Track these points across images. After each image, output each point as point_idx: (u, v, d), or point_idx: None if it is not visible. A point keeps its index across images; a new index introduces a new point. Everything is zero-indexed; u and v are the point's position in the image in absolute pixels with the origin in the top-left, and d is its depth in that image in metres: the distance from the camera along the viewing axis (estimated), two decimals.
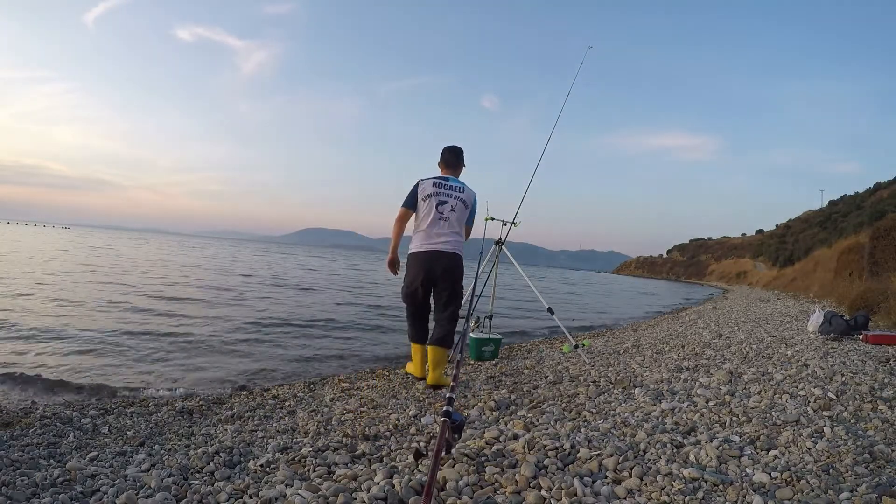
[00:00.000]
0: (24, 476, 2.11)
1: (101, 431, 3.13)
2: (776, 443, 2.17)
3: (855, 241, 15.20)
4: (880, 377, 3.22)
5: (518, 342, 7.66)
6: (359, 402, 3.77)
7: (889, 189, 45.89)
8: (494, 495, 1.74)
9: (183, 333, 6.85)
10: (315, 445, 2.46)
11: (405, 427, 2.84)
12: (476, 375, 4.40)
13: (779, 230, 71.56)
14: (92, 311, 8.05)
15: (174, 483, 2.00)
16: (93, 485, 2.02)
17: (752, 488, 1.73)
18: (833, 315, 5.70)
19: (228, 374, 5.12)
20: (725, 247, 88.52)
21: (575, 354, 5.38)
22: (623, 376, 3.73)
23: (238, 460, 2.35)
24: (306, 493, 1.79)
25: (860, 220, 30.55)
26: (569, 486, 1.75)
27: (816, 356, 4.09)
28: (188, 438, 3.00)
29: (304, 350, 6.47)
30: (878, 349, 4.65)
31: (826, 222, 45.81)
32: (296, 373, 5.37)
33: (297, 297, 12.94)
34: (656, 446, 2.14)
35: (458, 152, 4.05)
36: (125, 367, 5.07)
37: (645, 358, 4.78)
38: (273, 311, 9.70)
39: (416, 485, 1.78)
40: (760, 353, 4.39)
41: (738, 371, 3.53)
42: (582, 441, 2.22)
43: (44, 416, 3.37)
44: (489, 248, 5.52)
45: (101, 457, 2.55)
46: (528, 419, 2.72)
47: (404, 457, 2.22)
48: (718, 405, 2.74)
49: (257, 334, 7.25)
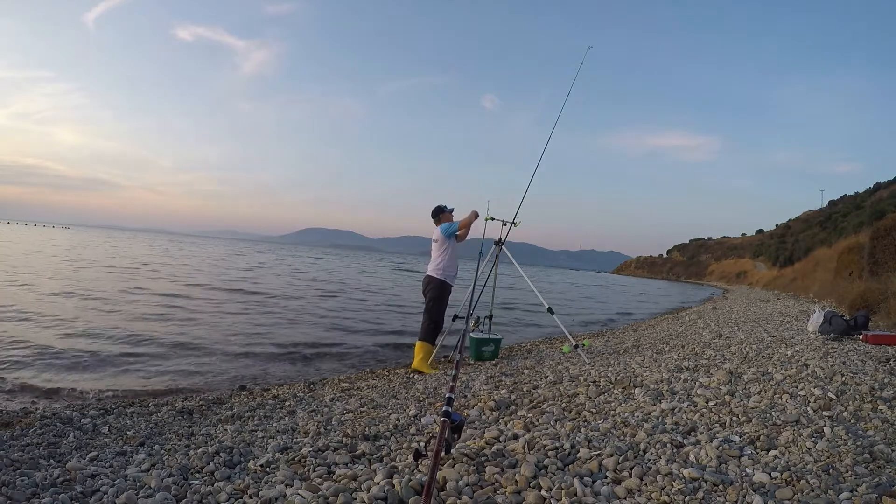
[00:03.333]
0: (24, 476, 2.11)
1: (101, 431, 3.14)
2: (776, 443, 2.17)
3: (855, 241, 15.18)
4: (880, 377, 3.22)
5: (518, 342, 7.66)
6: (359, 402, 3.77)
7: (889, 189, 45.88)
8: (494, 495, 1.74)
9: (183, 333, 6.86)
10: (315, 445, 2.46)
11: (405, 427, 2.84)
12: (476, 375, 4.40)
13: (779, 230, 71.53)
14: (92, 312, 8.05)
15: (174, 483, 2.00)
16: (93, 485, 2.02)
17: (752, 488, 1.73)
18: (833, 315, 5.70)
19: (228, 374, 5.12)
20: (725, 247, 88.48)
21: (575, 354, 5.38)
22: (623, 376, 3.73)
23: (238, 460, 2.35)
24: (306, 493, 1.79)
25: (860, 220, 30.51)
26: (569, 486, 1.75)
27: (816, 356, 4.09)
28: (188, 438, 3.00)
29: (304, 350, 6.47)
30: (878, 349, 4.65)
31: (826, 222, 45.78)
32: (296, 373, 5.38)
33: (300, 296, 12.94)
34: (656, 446, 2.14)
35: (433, 213, 5.44)
36: (125, 367, 5.07)
37: (645, 358, 4.78)
38: (273, 311, 9.70)
39: (416, 485, 1.78)
40: (760, 353, 4.39)
41: (738, 371, 3.52)
42: (582, 441, 2.22)
43: (44, 416, 3.37)
44: (489, 248, 5.52)
45: (101, 457, 2.55)
46: (528, 419, 2.71)
47: (404, 457, 2.22)
48: (718, 405, 2.74)
49: (257, 334, 7.25)
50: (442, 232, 5.25)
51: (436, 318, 5.16)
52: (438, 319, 5.18)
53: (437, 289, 5.15)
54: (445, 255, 5.22)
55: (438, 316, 5.17)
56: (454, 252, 5.29)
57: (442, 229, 5.25)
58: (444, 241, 5.25)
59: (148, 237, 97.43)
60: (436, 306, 5.15)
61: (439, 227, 5.29)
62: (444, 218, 5.35)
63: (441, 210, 5.40)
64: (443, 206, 5.43)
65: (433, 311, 5.15)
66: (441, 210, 5.40)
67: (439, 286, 5.16)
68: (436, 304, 5.14)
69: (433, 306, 5.14)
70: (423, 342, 5.13)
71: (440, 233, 5.27)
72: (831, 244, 25.27)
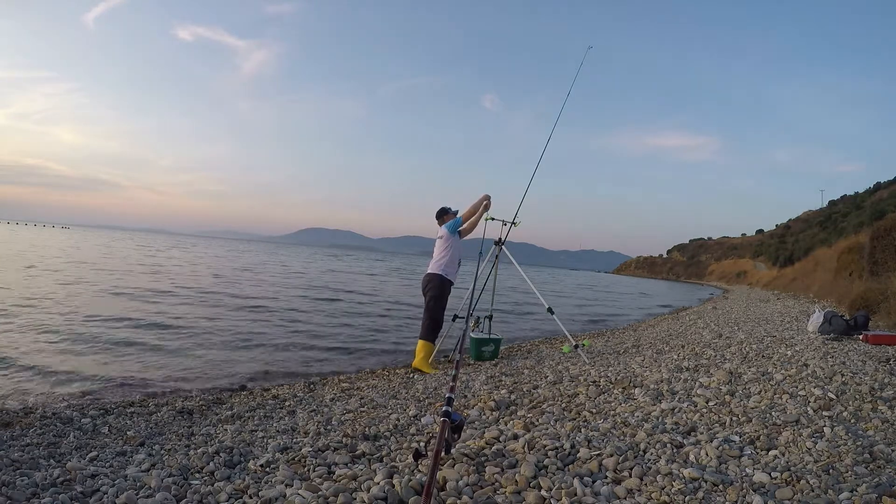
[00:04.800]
0: (24, 476, 2.11)
1: (101, 431, 3.14)
2: (776, 443, 2.17)
3: (855, 241, 15.17)
4: (880, 377, 3.22)
5: (518, 342, 7.66)
6: (359, 402, 3.77)
7: (889, 189, 45.84)
8: (494, 495, 1.74)
9: (184, 333, 6.86)
10: (315, 445, 2.46)
11: (405, 427, 2.84)
12: (476, 375, 4.40)
13: (779, 230, 71.50)
14: (94, 311, 8.05)
15: (174, 483, 2.00)
16: (93, 485, 2.02)
17: (752, 488, 1.73)
18: (833, 315, 5.69)
19: (228, 374, 5.12)
20: (725, 247, 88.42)
21: (575, 354, 5.38)
22: (623, 376, 3.73)
23: (238, 460, 2.35)
24: (306, 493, 1.79)
25: (860, 220, 30.48)
26: (569, 486, 1.75)
27: (816, 356, 4.09)
28: (188, 438, 3.00)
29: (304, 350, 6.47)
30: (878, 349, 4.64)
31: (826, 222, 45.75)
32: (296, 373, 5.38)
33: (300, 296, 12.94)
34: (656, 446, 2.14)
35: (437, 214, 5.55)
36: (126, 367, 5.07)
37: (645, 358, 4.77)
38: (273, 311, 9.70)
39: (416, 485, 1.78)
40: (760, 353, 4.39)
41: (738, 371, 3.52)
42: (582, 441, 2.22)
43: (44, 416, 3.37)
44: (489, 249, 5.52)
45: (101, 457, 2.55)
46: (528, 419, 2.71)
47: (404, 457, 2.22)
48: (718, 405, 2.74)
49: (257, 334, 7.25)
50: (447, 228, 5.30)
51: (436, 317, 5.16)
52: (439, 318, 5.19)
53: (437, 287, 5.15)
54: (448, 253, 5.24)
55: (439, 314, 5.17)
56: (457, 250, 5.29)
57: (447, 226, 5.31)
58: (448, 238, 5.27)
59: (148, 237, 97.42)
60: (436, 304, 5.14)
61: (444, 225, 5.35)
62: (448, 219, 5.39)
63: (445, 212, 5.47)
64: (447, 207, 5.48)
65: (434, 310, 5.14)
66: (445, 212, 5.47)
67: (440, 284, 5.16)
68: (436, 302, 5.14)
69: (434, 304, 5.14)
70: (425, 341, 5.13)
71: (445, 229, 5.31)
72: (831, 244, 25.25)
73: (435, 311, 5.12)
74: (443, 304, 5.15)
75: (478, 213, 5.36)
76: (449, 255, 5.20)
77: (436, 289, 5.12)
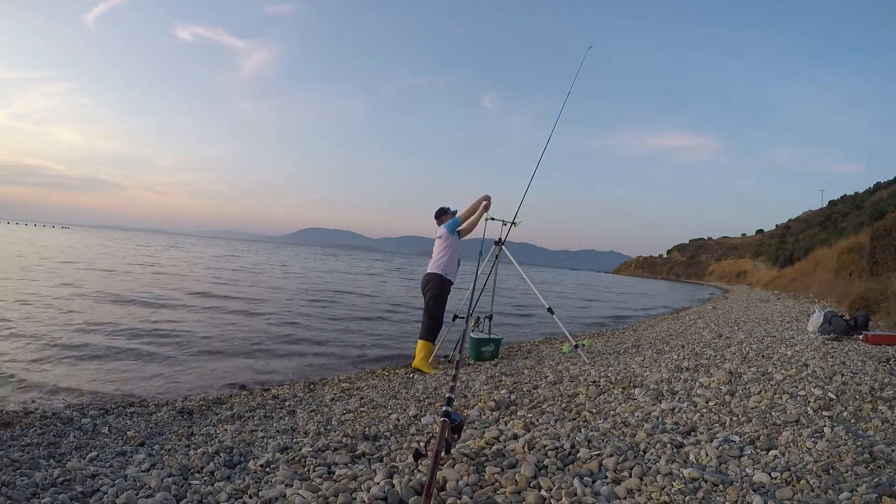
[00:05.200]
0: (24, 476, 2.11)
1: (101, 431, 3.14)
2: (776, 443, 2.17)
3: (855, 241, 15.17)
4: (880, 377, 3.22)
5: (518, 342, 7.66)
6: (359, 402, 3.77)
7: (889, 189, 45.82)
8: (494, 495, 1.74)
9: (184, 334, 6.85)
10: (315, 445, 2.46)
11: (405, 427, 2.85)
12: (476, 375, 4.40)
13: (779, 230, 71.48)
14: (93, 312, 8.05)
15: (174, 483, 2.00)
16: (93, 485, 2.02)
17: (752, 488, 1.73)
18: (833, 315, 5.69)
19: (228, 374, 5.12)
20: (725, 247, 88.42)
21: (575, 354, 5.38)
22: (623, 376, 3.73)
23: (238, 460, 2.35)
24: (306, 493, 1.79)
25: (860, 220, 30.47)
26: (569, 486, 1.75)
27: (816, 356, 4.09)
28: (188, 438, 3.00)
29: (304, 350, 6.47)
30: (878, 349, 4.64)
31: (826, 222, 45.73)
32: (296, 373, 5.38)
33: (299, 297, 12.94)
34: (656, 446, 2.14)
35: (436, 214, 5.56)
36: (126, 368, 5.07)
37: (645, 358, 4.77)
38: (273, 312, 9.69)
39: (416, 485, 1.78)
40: (760, 353, 4.39)
41: (738, 371, 3.52)
42: (582, 441, 2.22)
43: (44, 416, 3.37)
44: (489, 249, 5.53)
45: (101, 457, 2.55)
46: (528, 419, 2.71)
47: (404, 457, 2.22)
48: (718, 405, 2.74)
49: (257, 334, 7.25)
50: (446, 228, 5.30)
51: (436, 316, 5.16)
52: (439, 317, 5.18)
53: (437, 286, 5.15)
54: (447, 253, 5.24)
55: (439, 314, 5.17)
56: (456, 250, 5.29)
57: (446, 225, 5.32)
58: (447, 237, 5.27)
59: (148, 237, 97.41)
60: (436, 304, 5.14)
61: (443, 225, 5.36)
62: (446, 219, 5.39)
63: (444, 212, 5.48)
64: (446, 207, 5.48)
65: (433, 309, 5.14)
66: (444, 212, 5.48)
67: (439, 284, 5.15)
68: (436, 302, 5.14)
69: (433, 304, 5.14)
70: (425, 341, 5.13)
71: (444, 229, 5.32)
72: (831, 244, 25.24)
73: (435, 311, 5.12)
74: (442, 304, 5.15)
75: (477, 214, 5.36)
76: (448, 254, 5.20)
77: (435, 288, 5.12)
